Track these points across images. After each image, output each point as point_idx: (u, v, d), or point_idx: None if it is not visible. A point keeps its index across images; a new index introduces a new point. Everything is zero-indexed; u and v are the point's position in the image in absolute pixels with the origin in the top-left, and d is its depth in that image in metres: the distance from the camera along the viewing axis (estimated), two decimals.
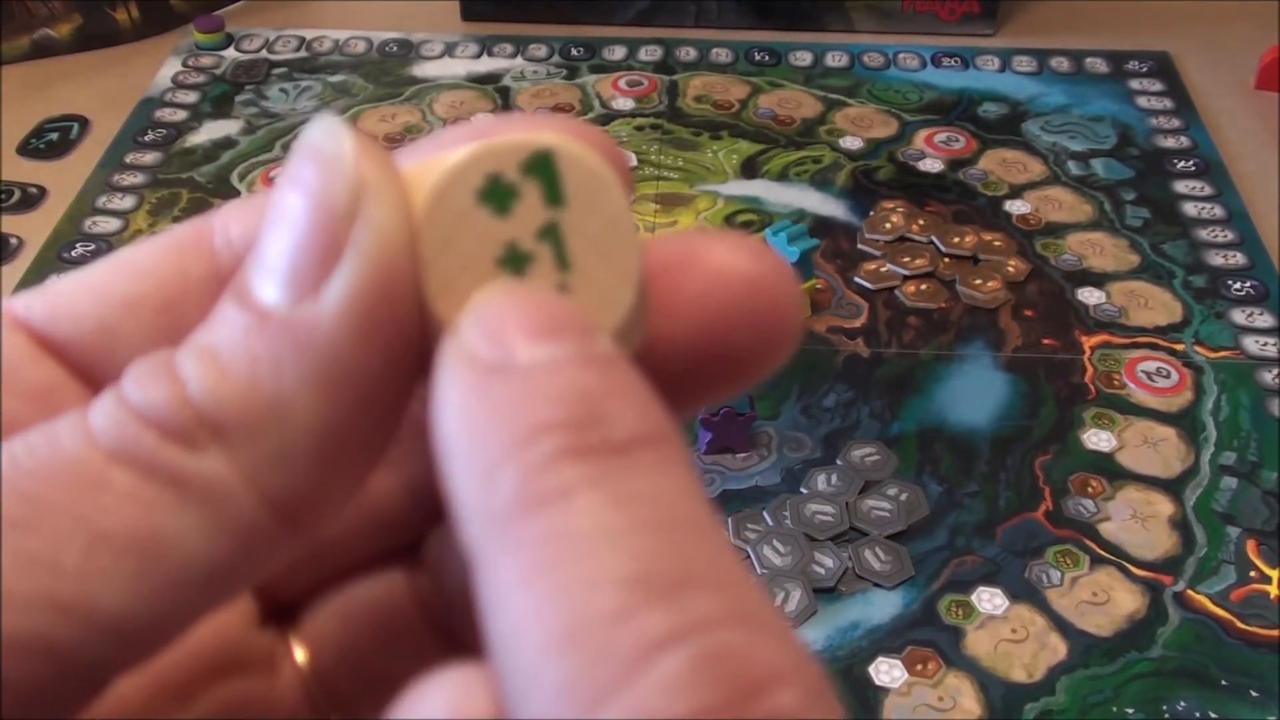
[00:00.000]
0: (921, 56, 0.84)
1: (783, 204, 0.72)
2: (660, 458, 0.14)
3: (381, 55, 0.84)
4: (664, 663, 0.13)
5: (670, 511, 0.14)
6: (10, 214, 0.71)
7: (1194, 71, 0.83)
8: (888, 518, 0.54)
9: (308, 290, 0.15)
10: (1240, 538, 0.54)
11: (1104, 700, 0.48)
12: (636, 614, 0.13)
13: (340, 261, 0.15)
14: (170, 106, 0.80)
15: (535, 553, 0.13)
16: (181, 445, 0.15)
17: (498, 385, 0.14)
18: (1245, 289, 0.66)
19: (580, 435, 0.14)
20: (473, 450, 0.14)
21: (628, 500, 0.14)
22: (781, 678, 0.13)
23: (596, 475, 0.14)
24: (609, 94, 0.80)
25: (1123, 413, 0.59)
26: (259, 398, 0.15)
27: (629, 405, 0.15)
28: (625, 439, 0.14)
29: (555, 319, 0.15)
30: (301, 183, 0.15)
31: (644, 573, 0.13)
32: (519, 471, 0.14)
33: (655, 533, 0.14)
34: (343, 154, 0.15)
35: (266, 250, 0.15)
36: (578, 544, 0.13)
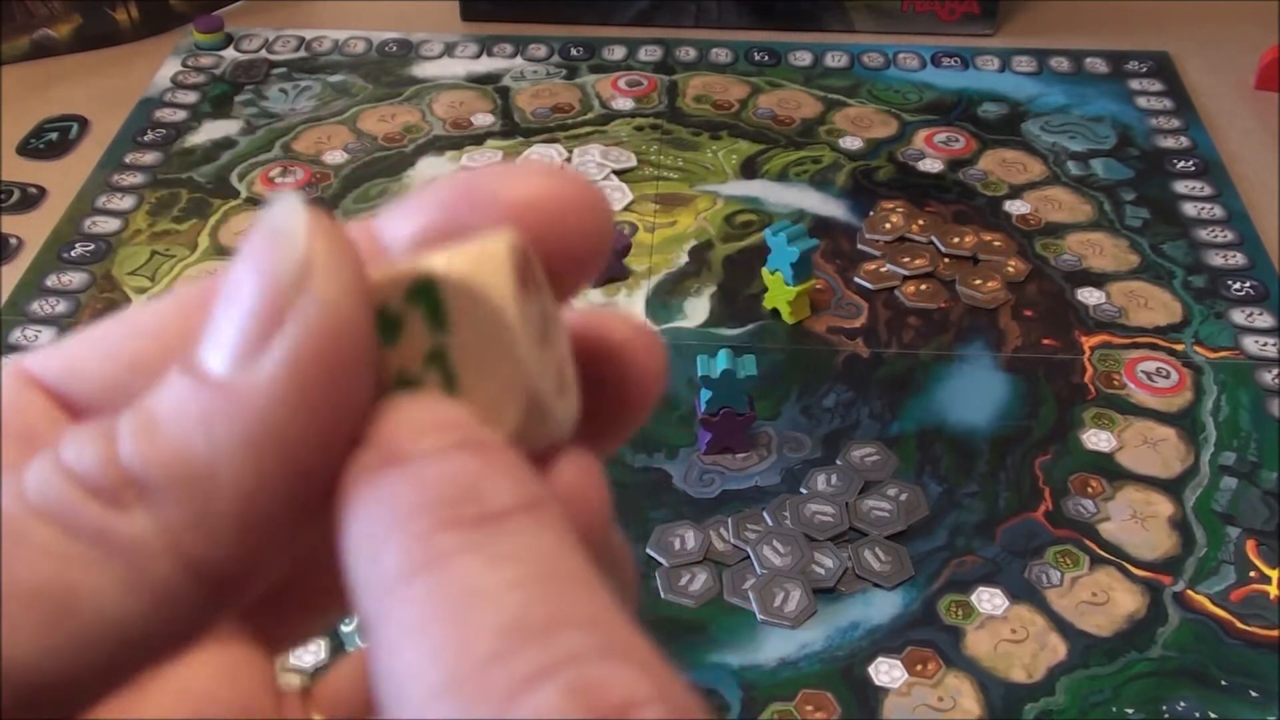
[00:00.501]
0: (921, 56, 0.84)
1: (783, 204, 0.72)
2: (533, 521, 0.15)
3: (381, 55, 0.84)
4: (536, 696, 0.13)
5: (543, 567, 0.15)
6: (10, 214, 0.71)
7: (1194, 71, 0.83)
8: (888, 518, 0.54)
9: (250, 358, 0.15)
10: (1240, 538, 0.54)
11: (1104, 700, 0.48)
12: (510, 656, 0.14)
13: (284, 326, 0.15)
14: (170, 106, 0.80)
15: (417, 611, 0.14)
16: (106, 504, 0.15)
17: (384, 478, 0.15)
18: (1245, 289, 0.66)
19: (457, 509, 0.15)
20: (362, 534, 0.15)
21: (501, 560, 0.15)
22: (645, 700, 0.14)
23: (472, 542, 0.15)
24: (609, 94, 0.80)
25: (1123, 413, 0.59)
26: (186, 460, 0.15)
27: (504, 479, 0.15)
28: (498, 509, 0.15)
29: (440, 416, 0.16)
30: (253, 257, 0.15)
31: (517, 620, 0.14)
32: (400, 544, 0.15)
33: (529, 585, 0.14)
34: (295, 229, 0.15)
35: (216, 322, 0.16)
36: (456, 601, 0.14)
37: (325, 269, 0.15)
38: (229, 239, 0.70)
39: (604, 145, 0.75)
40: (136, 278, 0.67)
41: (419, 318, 0.16)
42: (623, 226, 0.70)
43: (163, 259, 0.68)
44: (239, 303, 0.15)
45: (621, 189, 0.72)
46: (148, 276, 0.67)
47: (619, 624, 0.15)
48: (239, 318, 0.15)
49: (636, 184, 0.73)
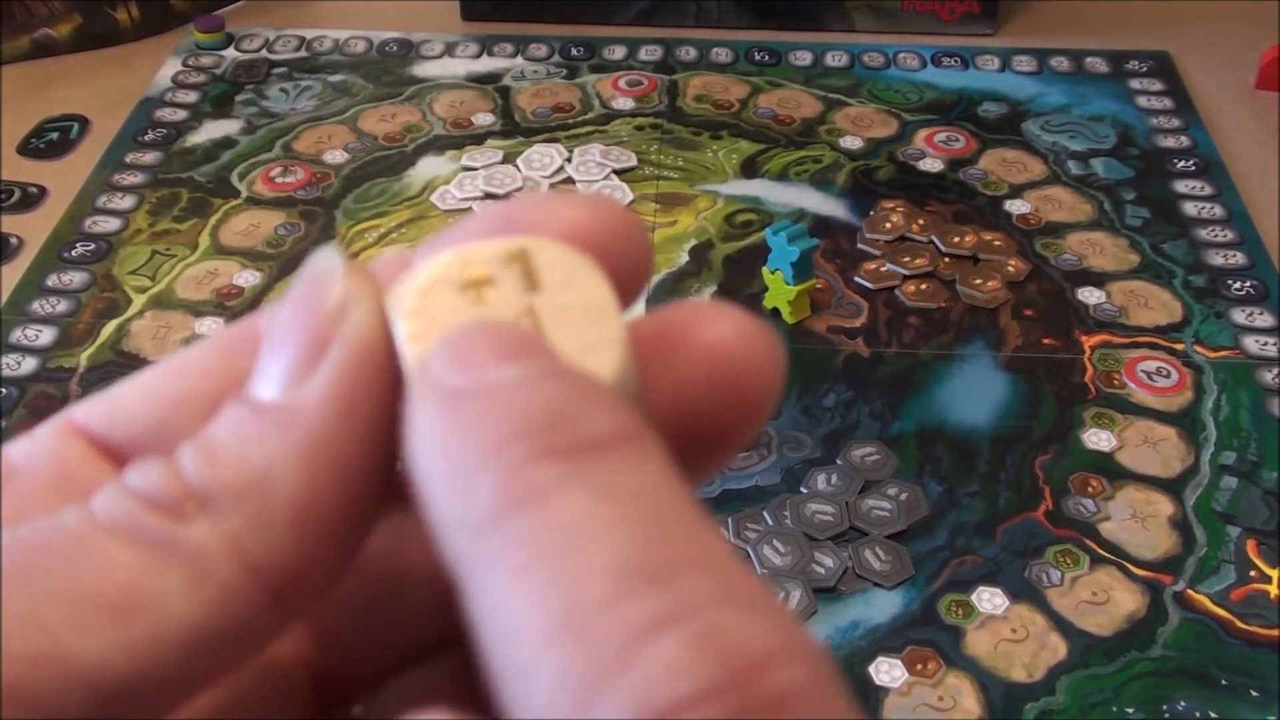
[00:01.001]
0: (921, 56, 0.84)
1: (783, 204, 0.72)
2: (636, 453, 0.15)
3: (381, 55, 0.84)
4: (659, 646, 0.13)
5: (652, 502, 0.14)
6: (10, 214, 0.71)
7: (1194, 71, 0.83)
8: (888, 517, 0.54)
9: (299, 382, 0.16)
10: (1240, 537, 0.54)
11: (1104, 700, 0.48)
12: (627, 600, 0.13)
13: (329, 350, 0.16)
14: (170, 106, 0.80)
15: (520, 552, 0.14)
16: (169, 516, 0.16)
17: (467, 406, 0.15)
18: (1245, 289, 0.66)
19: (553, 437, 0.14)
20: (447, 468, 0.15)
21: (607, 493, 0.14)
22: (782, 656, 0.13)
23: (574, 472, 0.14)
24: (609, 94, 0.80)
25: (1123, 412, 0.60)
26: (244, 470, 0.16)
27: (598, 408, 0.15)
28: (598, 438, 0.14)
29: (520, 343, 0.16)
30: (298, 299, 0.17)
31: (631, 560, 0.13)
32: (496, 477, 0.14)
33: (639, 522, 0.14)
34: (335, 269, 0.17)
35: (265, 361, 0.17)
36: (561, 538, 0.14)
37: (360, 302, 0.17)
38: (229, 239, 0.70)
39: (604, 145, 0.75)
40: (137, 277, 0.67)
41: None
42: None
43: (163, 258, 0.68)
44: (287, 340, 0.17)
45: (621, 189, 0.72)
46: (148, 276, 0.67)
47: (738, 570, 0.14)
48: (288, 352, 0.16)
49: (636, 184, 0.73)
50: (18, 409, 0.60)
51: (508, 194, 0.72)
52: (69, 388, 0.61)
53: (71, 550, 0.15)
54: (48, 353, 0.63)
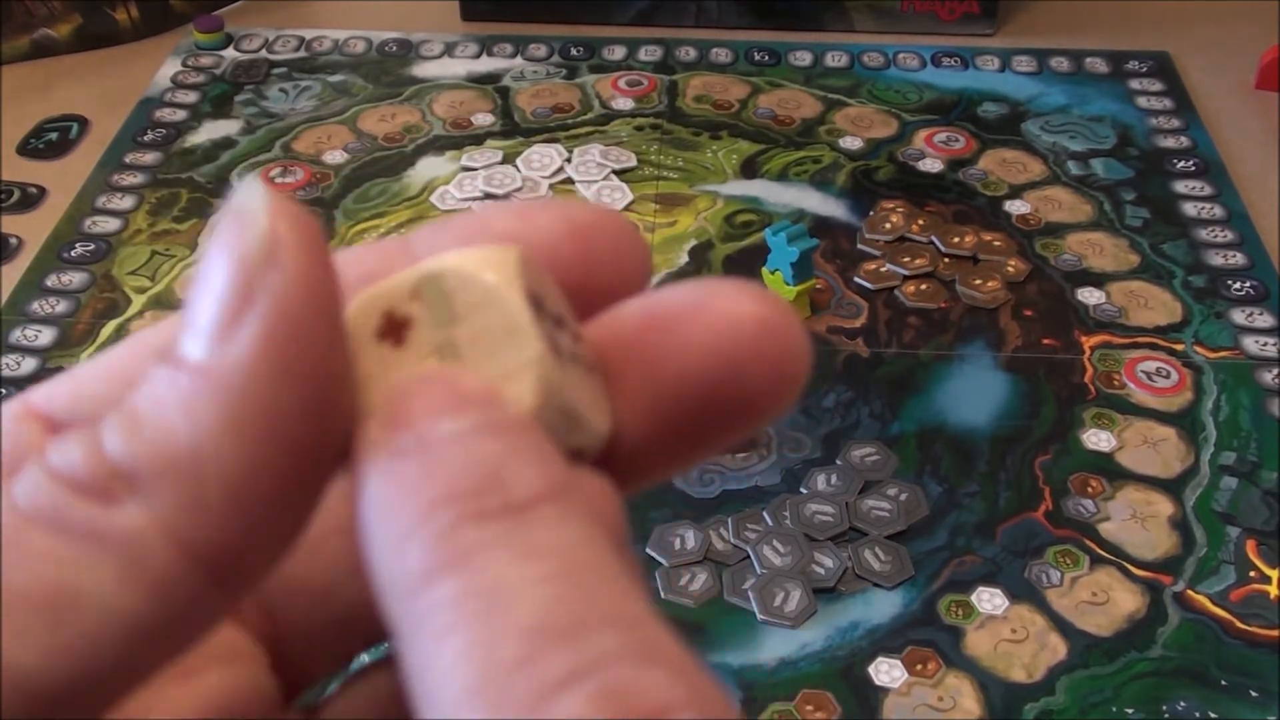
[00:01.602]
0: (921, 56, 0.84)
1: (783, 204, 0.72)
2: (561, 511, 0.15)
3: (381, 55, 0.84)
4: (564, 702, 0.13)
5: (571, 560, 0.15)
6: (10, 214, 0.71)
7: (1194, 71, 0.83)
8: (888, 518, 0.54)
9: (224, 339, 0.15)
10: (1240, 538, 0.54)
11: (1104, 700, 0.48)
12: (538, 659, 0.14)
13: (254, 303, 0.15)
14: (170, 106, 0.80)
15: (444, 615, 0.14)
16: (97, 501, 0.15)
17: (405, 465, 0.15)
18: (1245, 289, 0.66)
19: (480, 501, 0.15)
20: (384, 529, 0.15)
21: (528, 555, 0.14)
22: (678, 705, 0.13)
23: (498, 536, 0.14)
24: (609, 94, 0.80)
25: (1123, 413, 0.59)
26: (172, 447, 0.15)
27: (528, 466, 0.15)
28: (525, 499, 0.15)
29: (459, 394, 0.16)
30: (220, 239, 0.16)
31: (545, 620, 0.14)
32: (424, 541, 0.15)
33: (556, 582, 0.14)
34: (257, 210, 0.15)
35: (188, 312, 0.15)
36: (483, 601, 0.14)
37: (290, 244, 0.15)
38: None
39: (604, 145, 0.75)
40: (137, 278, 0.67)
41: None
42: None
43: (163, 259, 0.68)
44: (210, 288, 0.15)
45: (621, 189, 0.72)
46: (148, 276, 0.67)
47: (649, 623, 0.14)
48: (211, 302, 0.15)
49: (636, 184, 0.73)
50: None
51: (507, 194, 0.72)
52: None
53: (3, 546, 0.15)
54: (47, 353, 0.63)
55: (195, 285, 0.16)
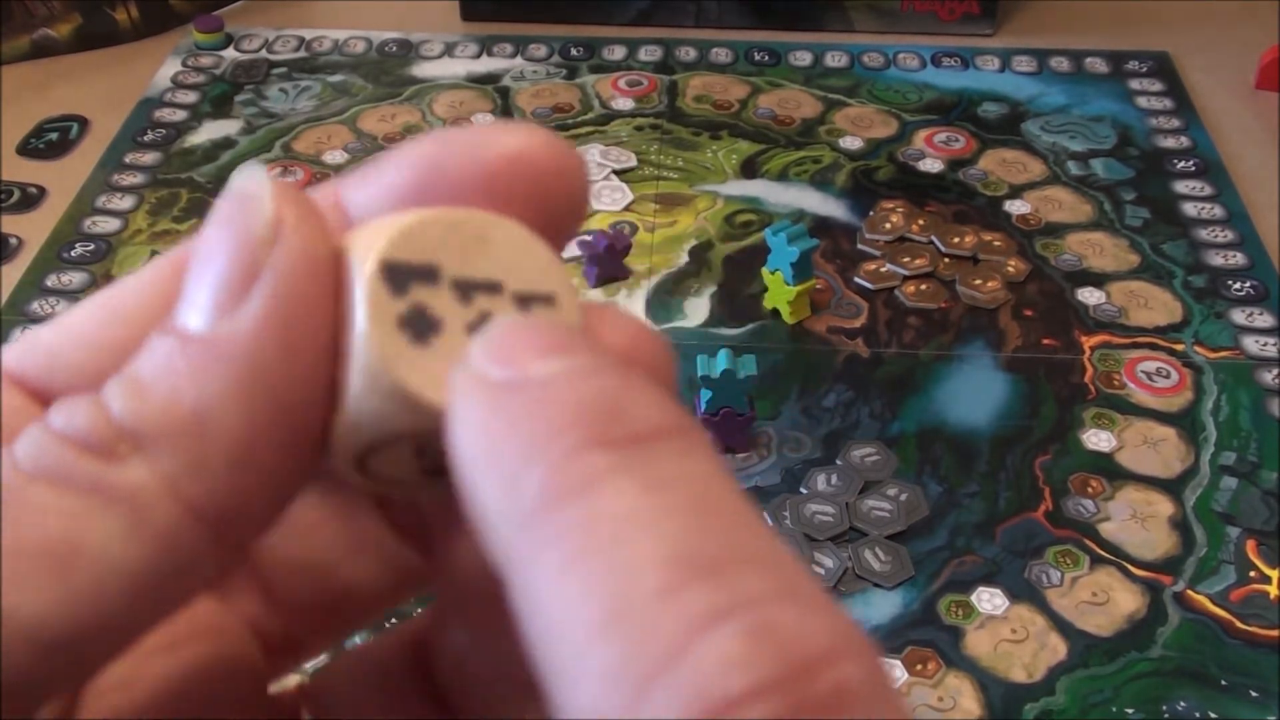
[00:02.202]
0: (921, 56, 0.84)
1: (783, 204, 0.72)
2: (686, 446, 0.14)
3: (381, 55, 0.84)
4: (715, 639, 0.12)
5: (704, 494, 0.14)
6: (10, 214, 0.71)
7: (1194, 71, 0.83)
8: (888, 518, 0.54)
9: (228, 311, 0.16)
10: (1240, 538, 0.54)
11: (1104, 700, 0.48)
12: (681, 592, 0.13)
13: (260, 278, 0.16)
14: (170, 106, 0.80)
15: (570, 542, 0.13)
16: (101, 458, 0.15)
17: (513, 400, 0.14)
18: (1245, 289, 0.66)
19: (603, 428, 0.14)
20: (494, 460, 0.14)
21: (659, 484, 0.14)
22: (838, 653, 0.13)
23: (624, 463, 0.14)
24: (609, 94, 0.80)
25: (1123, 413, 0.59)
26: (178, 409, 0.15)
27: (647, 401, 0.15)
28: (648, 430, 0.14)
29: (563, 339, 0.15)
30: (223, 220, 0.16)
31: (685, 552, 0.13)
32: (545, 468, 0.14)
33: (692, 514, 0.13)
34: (262, 193, 0.16)
35: (191, 287, 0.16)
36: (613, 528, 0.13)
37: (295, 224, 0.16)
38: None
39: (604, 145, 0.75)
40: None
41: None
42: (623, 226, 0.70)
43: None
44: (213, 265, 0.16)
45: (621, 189, 0.72)
46: None
47: (795, 566, 0.14)
48: (214, 278, 0.16)
49: (636, 184, 0.73)
50: None
51: None
52: None
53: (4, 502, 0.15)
54: None
55: (196, 261, 0.16)
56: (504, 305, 0.16)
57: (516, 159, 0.17)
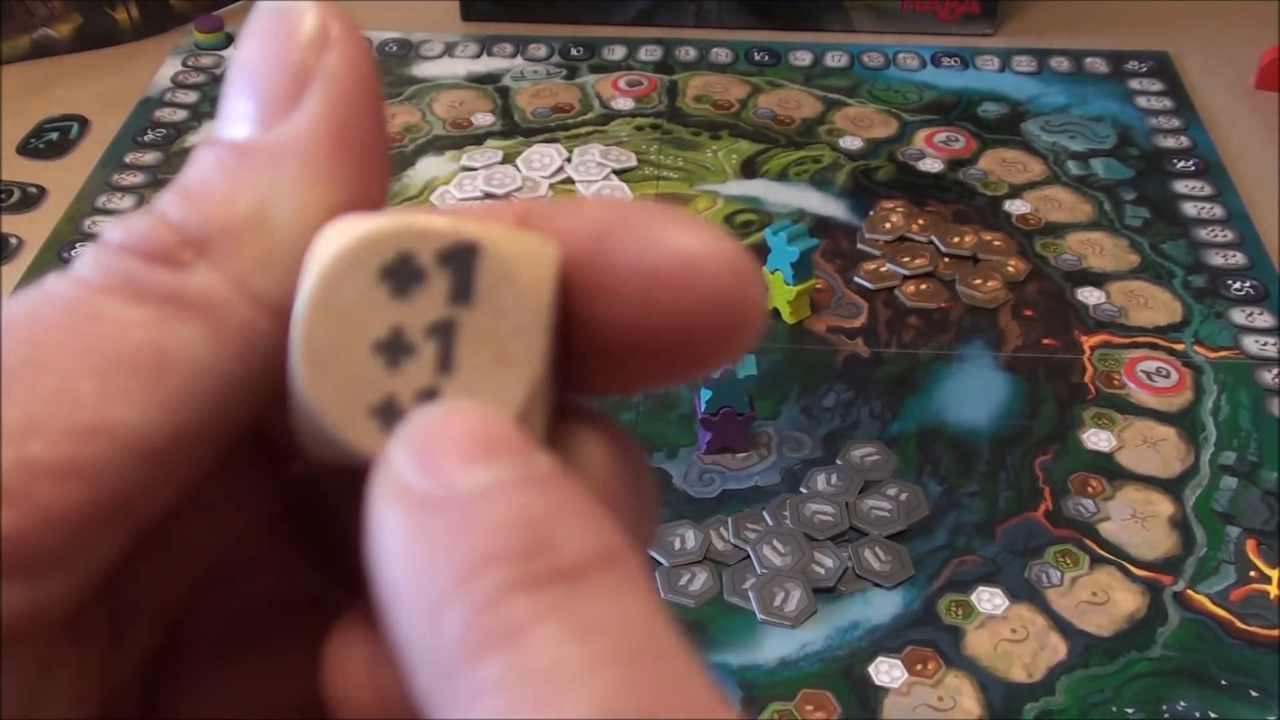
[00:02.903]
0: (921, 56, 0.84)
1: (783, 204, 0.72)
2: (616, 579, 0.14)
3: (381, 55, 0.84)
4: None
5: (633, 639, 0.13)
6: (10, 214, 0.71)
7: (1194, 71, 0.83)
8: (888, 518, 0.54)
9: (279, 116, 0.16)
10: (1240, 538, 0.54)
11: (1104, 700, 0.48)
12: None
13: (311, 84, 0.16)
14: (170, 106, 0.80)
15: (493, 700, 0.13)
16: (168, 266, 0.15)
17: (436, 518, 0.14)
18: (1245, 289, 0.66)
19: (528, 564, 0.13)
20: (415, 591, 0.14)
21: (586, 631, 0.13)
22: None
23: (550, 606, 0.13)
24: (609, 94, 0.80)
25: (1123, 413, 0.59)
26: (239, 210, 0.15)
27: (577, 526, 0.14)
28: (577, 562, 0.13)
29: (490, 437, 0.14)
30: (261, 33, 0.16)
31: (614, 708, 0.13)
32: (466, 610, 0.13)
33: (619, 665, 0.13)
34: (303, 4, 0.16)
35: (230, 103, 0.16)
36: (537, 686, 0.13)
37: (341, 32, 0.16)
38: None
39: (604, 145, 0.75)
40: None
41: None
42: None
43: None
44: (257, 75, 0.16)
45: (621, 189, 0.72)
46: None
47: (715, 707, 0.13)
48: (261, 87, 0.16)
49: (636, 184, 0.73)
50: None
51: (507, 194, 0.72)
52: None
53: (76, 320, 0.15)
54: None
55: (236, 74, 0.16)
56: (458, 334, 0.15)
57: (688, 265, 0.16)
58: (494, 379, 0.15)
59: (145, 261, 0.15)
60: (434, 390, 0.15)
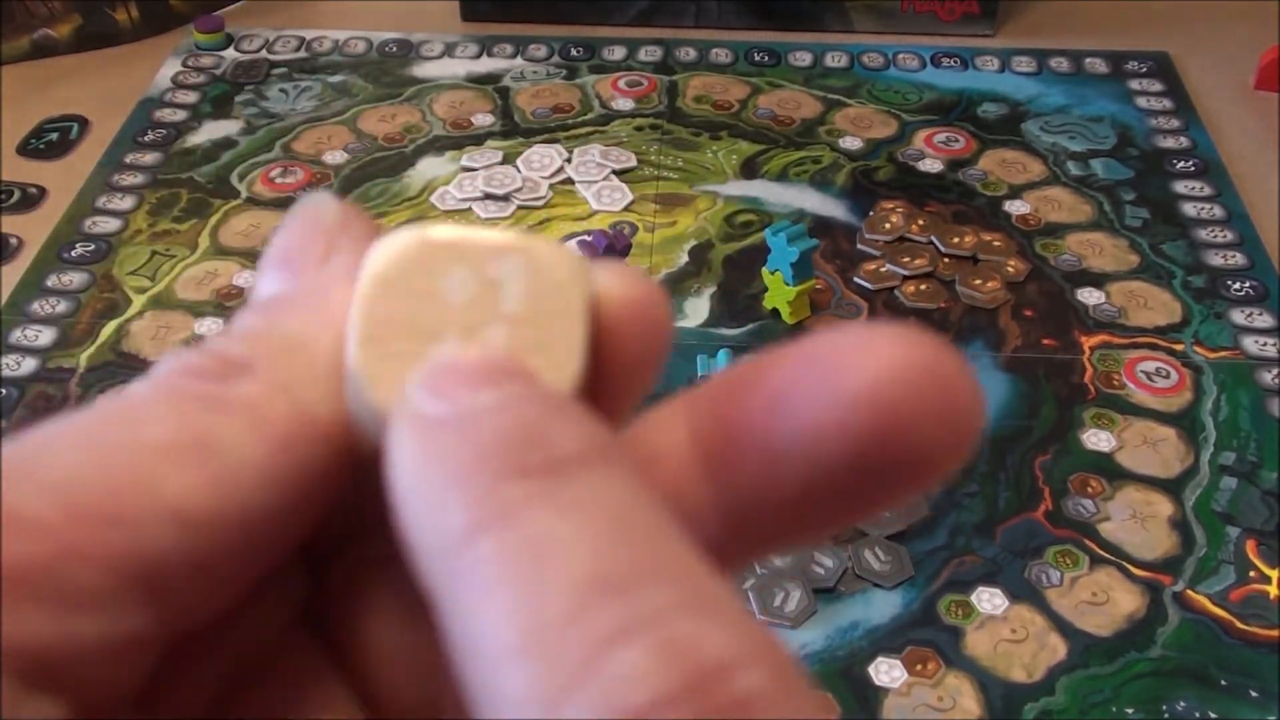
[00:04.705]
0: (921, 57, 0.84)
1: (782, 204, 0.72)
2: (604, 468, 0.15)
3: (381, 55, 0.84)
4: (619, 656, 0.13)
5: (619, 514, 0.14)
6: (10, 214, 0.71)
7: (1194, 71, 0.83)
8: (888, 517, 0.54)
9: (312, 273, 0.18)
10: (1240, 538, 0.54)
11: (1104, 700, 0.48)
12: (589, 612, 0.13)
13: (338, 247, 0.18)
14: (170, 106, 0.80)
15: (488, 570, 0.14)
16: (214, 379, 0.16)
17: (443, 433, 0.15)
18: (1245, 289, 0.66)
19: (522, 457, 0.14)
20: (421, 492, 0.15)
21: (574, 508, 0.14)
22: (745, 660, 0.13)
23: (542, 490, 0.14)
24: (609, 94, 0.80)
25: (1122, 413, 0.59)
26: (282, 339, 0.17)
27: (570, 426, 0.15)
28: (567, 455, 0.15)
29: (497, 369, 0.16)
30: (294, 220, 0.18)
31: (595, 573, 0.13)
32: (465, 499, 0.14)
33: (605, 535, 0.14)
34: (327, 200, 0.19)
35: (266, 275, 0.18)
36: (528, 555, 0.14)
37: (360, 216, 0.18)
38: (229, 239, 0.70)
39: (604, 146, 0.75)
40: (136, 278, 0.67)
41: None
42: (623, 226, 0.70)
43: (163, 259, 0.68)
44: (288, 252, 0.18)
45: (621, 189, 0.72)
46: (148, 276, 0.67)
47: (703, 576, 0.14)
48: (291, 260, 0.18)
49: (636, 184, 0.73)
50: (18, 409, 0.60)
51: (507, 195, 0.72)
52: (69, 388, 0.61)
53: (126, 414, 0.16)
54: (48, 353, 0.63)
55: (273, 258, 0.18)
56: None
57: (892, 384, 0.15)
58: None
59: (195, 377, 0.16)
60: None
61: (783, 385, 0.16)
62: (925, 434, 0.15)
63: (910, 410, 0.15)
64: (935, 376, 0.15)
